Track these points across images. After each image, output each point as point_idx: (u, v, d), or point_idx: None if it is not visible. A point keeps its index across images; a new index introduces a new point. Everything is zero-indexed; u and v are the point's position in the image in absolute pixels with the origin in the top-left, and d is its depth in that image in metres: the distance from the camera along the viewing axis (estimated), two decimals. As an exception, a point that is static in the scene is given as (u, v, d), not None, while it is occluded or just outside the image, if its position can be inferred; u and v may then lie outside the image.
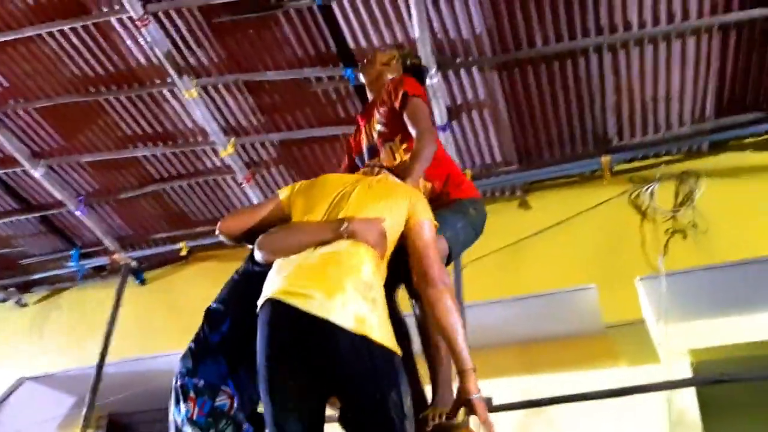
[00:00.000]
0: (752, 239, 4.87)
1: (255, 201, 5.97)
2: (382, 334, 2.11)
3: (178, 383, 2.48)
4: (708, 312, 5.15)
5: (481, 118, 5.27)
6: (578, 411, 4.37)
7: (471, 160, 5.58)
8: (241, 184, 5.87)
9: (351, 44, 4.92)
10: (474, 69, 4.96)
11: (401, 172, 2.69)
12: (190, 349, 2.59)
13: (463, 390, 2.18)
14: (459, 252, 2.96)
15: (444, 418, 2.42)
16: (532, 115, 5.24)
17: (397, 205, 2.40)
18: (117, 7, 4.84)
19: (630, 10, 4.57)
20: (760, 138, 5.17)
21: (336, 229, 2.24)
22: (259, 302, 2.23)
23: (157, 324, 6.56)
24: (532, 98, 5.12)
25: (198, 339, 2.60)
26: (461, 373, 2.19)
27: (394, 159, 2.99)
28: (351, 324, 2.07)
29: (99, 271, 7.00)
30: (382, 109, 3.13)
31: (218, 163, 5.92)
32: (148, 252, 6.68)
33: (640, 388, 3.91)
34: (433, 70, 4.71)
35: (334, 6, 4.70)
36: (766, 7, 4.50)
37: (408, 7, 4.51)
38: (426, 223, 2.39)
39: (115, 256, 6.65)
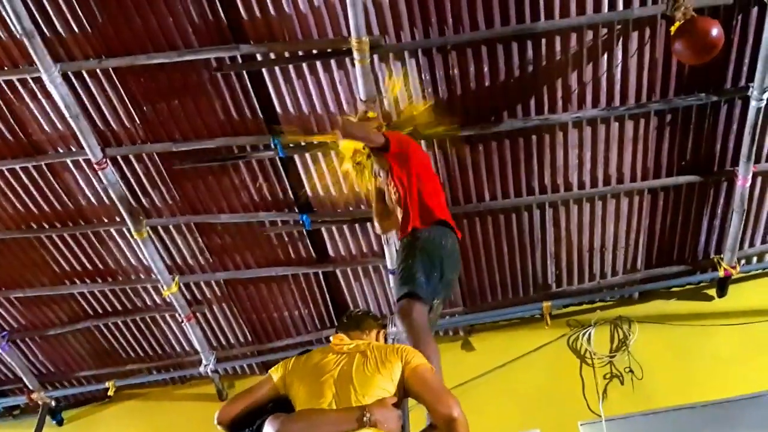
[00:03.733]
0: (684, 384, 5.42)
1: (194, 339, 6.14)
2: None
3: None
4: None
5: (429, 264, 5.71)
6: None
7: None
8: (181, 321, 6.02)
9: (309, 194, 5.34)
10: (425, 219, 5.43)
11: None
12: None
13: None
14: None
15: None
16: (478, 262, 5.75)
17: (393, 369, 2.74)
18: (74, 149, 5.09)
19: (571, 174, 5.25)
20: (684, 288, 5.90)
21: (359, 419, 2.53)
22: None
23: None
24: (479, 247, 5.65)
25: None
26: None
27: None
28: None
29: (11, 411, 6.82)
30: None
31: (158, 301, 6.08)
32: (70, 391, 6.63)
33: None
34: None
35: (296, 158, 5.13)
36: (689, 174, 5.27)
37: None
38: (420, 368, 2.73)
39: (34, 395, 6.54)
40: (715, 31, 4.07)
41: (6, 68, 4.71)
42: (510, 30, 4.54)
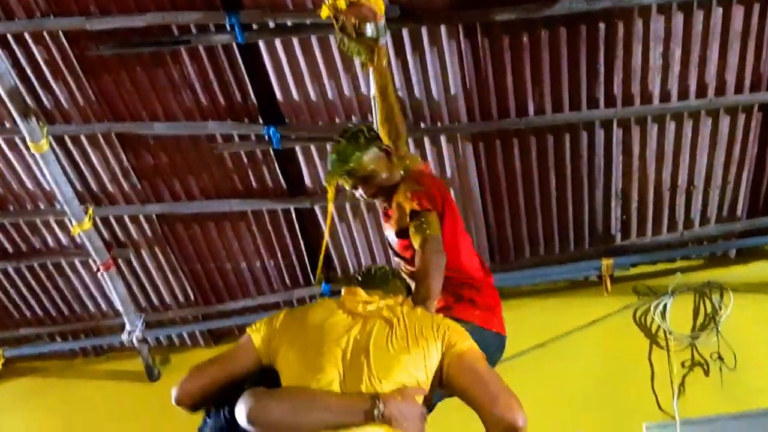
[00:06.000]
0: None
1: (114, 296, 6.10)
2: None
3: None
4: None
5: (445, 201, 5.63)
6: None
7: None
8: (97, 271, 5.98)
9: (279, 96, 5.22)
10: (442, 137, 5.33)
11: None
12: None
13: None
14: None
15: None
16: (513, 201, 5.68)
17: (428, 351, 2.65)
18: (-55, 25, 4.95)
19: (651, 80, 5.12)
20: (801, 246, 5.85)
21: (368, 412, 2.46)
22: None
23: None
24: (515, 178, 5.57)
25: None
26: None
27: None
28: None
29: None
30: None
31: (65, 241, 6.04)
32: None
33: None
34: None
35: (261, 46, 4.98)
36: (817, 85, 5.16)
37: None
38: (468, 354, 2.65)
39: None
40: None
41: None
42: None
